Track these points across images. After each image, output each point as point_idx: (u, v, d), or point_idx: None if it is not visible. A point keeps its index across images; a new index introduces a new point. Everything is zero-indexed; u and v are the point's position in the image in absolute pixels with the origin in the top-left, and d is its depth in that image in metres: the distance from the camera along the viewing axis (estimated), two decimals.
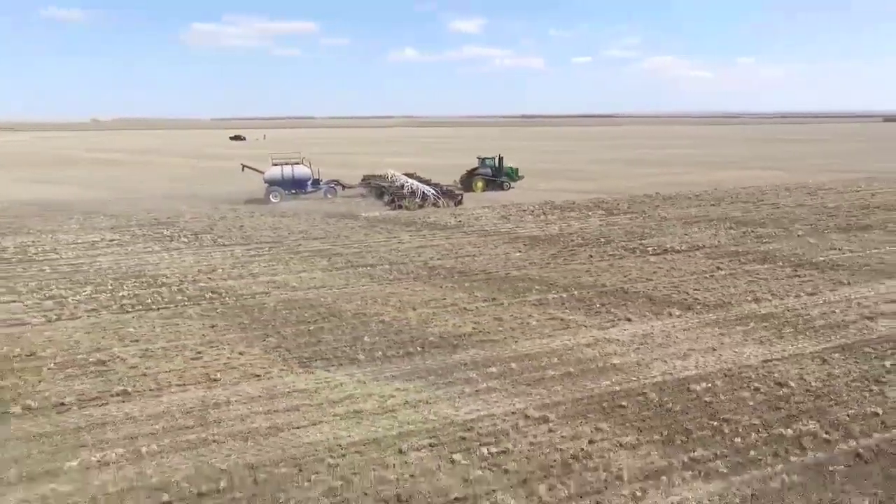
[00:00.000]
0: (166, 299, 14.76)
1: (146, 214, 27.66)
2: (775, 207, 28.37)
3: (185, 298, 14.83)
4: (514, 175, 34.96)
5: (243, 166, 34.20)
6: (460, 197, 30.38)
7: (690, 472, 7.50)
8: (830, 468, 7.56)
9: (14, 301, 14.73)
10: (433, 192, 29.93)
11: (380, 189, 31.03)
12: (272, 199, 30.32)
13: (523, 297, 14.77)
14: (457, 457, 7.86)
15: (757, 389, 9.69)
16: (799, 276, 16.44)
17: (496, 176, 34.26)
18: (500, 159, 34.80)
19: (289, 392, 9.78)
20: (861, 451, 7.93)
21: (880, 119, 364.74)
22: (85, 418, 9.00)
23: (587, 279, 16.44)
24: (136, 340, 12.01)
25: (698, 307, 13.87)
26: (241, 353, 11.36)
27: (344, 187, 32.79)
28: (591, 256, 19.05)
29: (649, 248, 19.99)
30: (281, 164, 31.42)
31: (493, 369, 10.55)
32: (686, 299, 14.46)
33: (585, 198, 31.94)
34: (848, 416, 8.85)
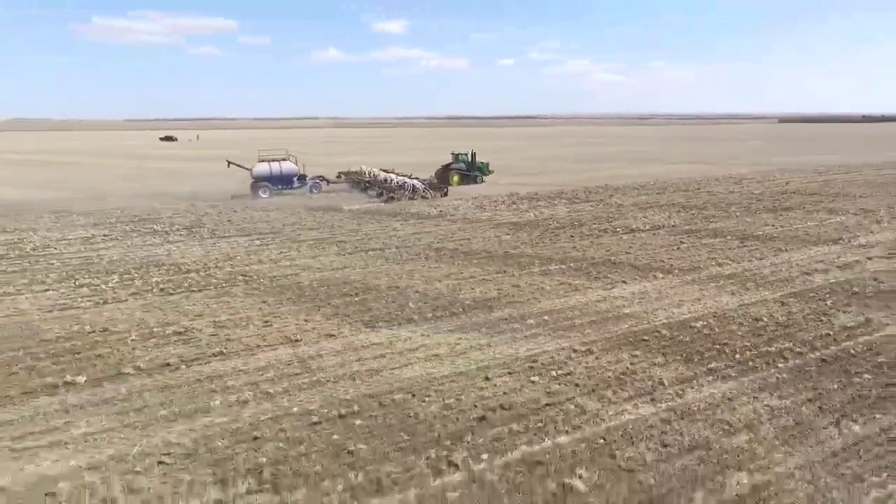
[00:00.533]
0: (202, 282, 15.66)
1: (121, 212, 27.44)
2: (711, 195, 32.27)
3: (221, 281, 15.79)
4: (485, 170, 37.28)
5: (229, 163, 34.42)
6: (446, 189, 32.50)
7: (711, 377, 9.83)
8: (806, 369, 10.15)
9: (47, 290, 15.08)
10: (422, 185, 31.73)
11: (364, 183, 32.45)
12: (261, 195, 31.04)
13: (529, 269, 16.87)
14: (534, 378, 9.78)
15: (741, 324, 12.27)
16: (746, 247, 19.60)
17: (469, 170, 36.47)
18: (473, 155, 37.03)
19: (368, 345, 11.29)
20: (824, 357, 10.60)
21: (776, 120, 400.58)
22: (196, 374, 10.12)
23: (576, 254, 18.82)
24: (200, 315, 13.01)
25: (676, 271, 16.53)
26: (305, 321, 12.69)
27: (328, 182, 33.84)
28: (572, 236, 21.53)
29: (618, 229, 22.77)
30: (269, 161, 32.25)
31: (531, 321, 12.54)
32: (664, 266, 17.12)
33: (545, 190, 34.67)
34: (810, 337, 11.55)
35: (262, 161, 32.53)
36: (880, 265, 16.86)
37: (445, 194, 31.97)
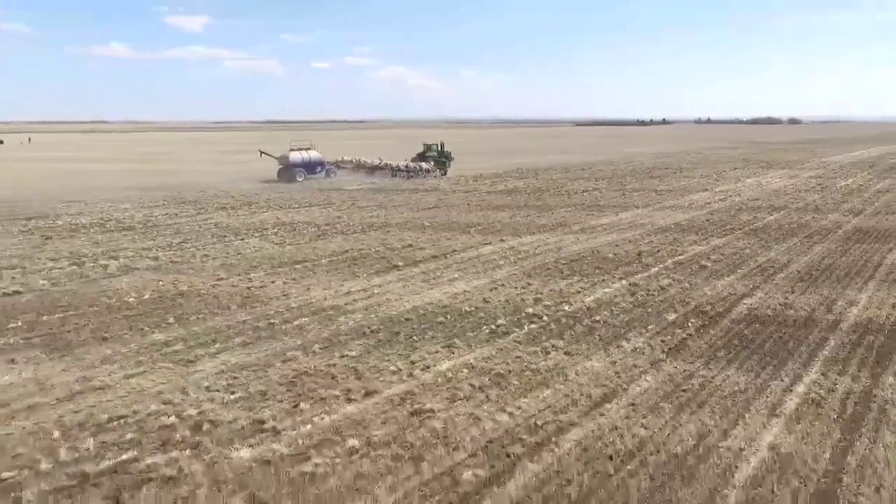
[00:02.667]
0: (353, 229, 20.70)
1: (189, 195, 28.94)
2: (604, 171, 43.49)
3: (366, 226, 21.10)
4: (449, 158, 44.41)
5: (261, 152, 39.25)
6: (445, 170, 40.39)
7: (714, 237, 18.75)
8: (757, 235, 19.58)
9: (243, 239, 18.83)
10: (428, 166, 39.44)
11: (373, 168, 38.28)
12: (298, 178, 35.74)
13: (550, 212, 24.85)
14: (626, 248, 17.58)
15: (701, 225, 21.74)
16: (662, 195, 30.01)
17: (440, 159, 43.25)
18: (442, 145, 44.03)
19: (523, 244, 18.12)
20: (743, 230, 20.29)
21: (573, 123, 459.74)
22: (459, 257, 15.98)
23: (570, 201, 27.36)
24: (404, 242, 18.40)
25: (640, 207, 25.85)
26: (469, 237, 18.89)
27: (339, 168, 38.93)
28: (552, 195, 29.98)
29: (573, 191, 31.85)
30: (300, 150, 37.05)
31: (600, 230, 20.44)
32: (627, 205, 26.48)
33: (489, 172, 43.01)
34: (741, 222, 21.46)
35: (294, 150, 37.20)
36: (738, 197, 28.32)
37: (445, 173, 39.95)
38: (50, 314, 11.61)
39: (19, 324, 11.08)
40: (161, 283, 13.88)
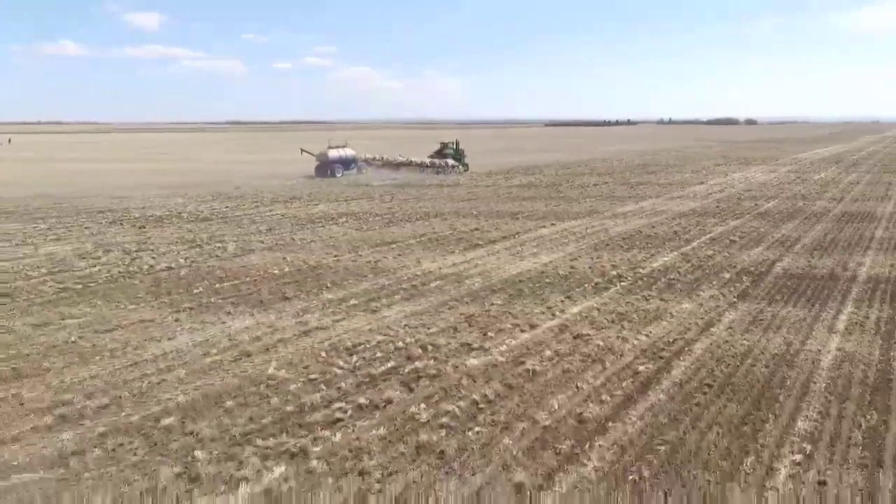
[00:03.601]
0: (412, 217, 23.06)
1: (239, 190, 30.49)
2: (601, 168, 46.79)
3: (423, 215, 23.52)
4: (464, 155, 46.82)
5: (302, 150, 41.76)
6: (467, 166, 43.15)
7: (730, 220, 21.75)
8: (764, 218, 22.73)
9: (322, 226, 20.88)
10: (453, 162, 42.19)
11: (399, 164, 41.01)
12: (336, 174, 38.51)
13: (576, 202, 27.76)
14: (661, 228, 20.44)
15: (713, 211, 24.95)
16: (664, 188, 33.25)
17: (456, 157, 45.50)
18: (457, 143, 46.57)
19: (572, 227, 20.77)
20: (762, 213, 23.40)
21: (542, 124, 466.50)
22: (525, 237, 18.54)
23: (588, 194, 30.33)
24: (468, 227, 20.79)
25: (651, 198, 28.94)
26: (521, 222, 21.45)
27: (369, 164, 41.69)
28: (568, 188, 32.93)
29: (585, 185, 34.85)
30: (337, 148, 39.88)
31: (630, 215, 23.26)
32: (640, 196, 29.57)
33: (502, 169, 45.79)
34: (746, 208, 24.67)
35: (332, 148, 40.04)
36: (733, 189, 31.72)
37: (467, 168, 42.90)
38: (219, 282, 13.76)
39: (201, 290, 13.19)
40: (288, 259, 16.10)
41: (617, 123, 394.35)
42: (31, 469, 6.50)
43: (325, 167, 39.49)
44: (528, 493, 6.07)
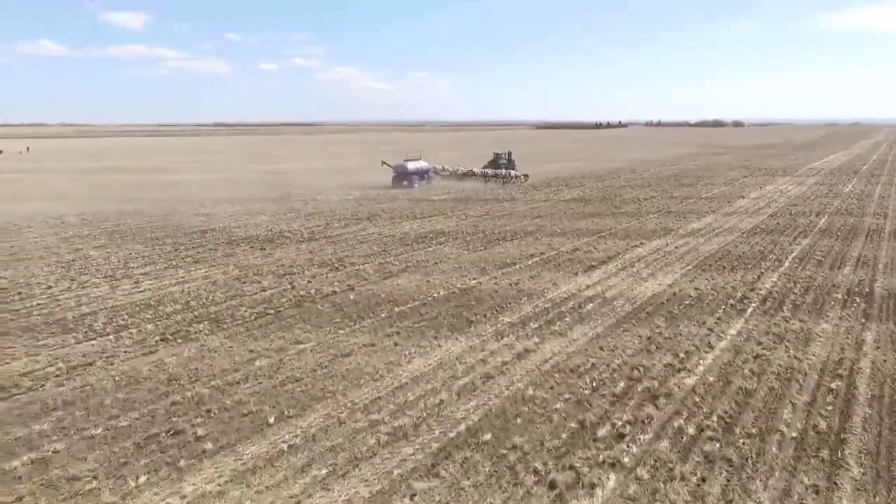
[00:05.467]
0: (504, 236, 24.70)
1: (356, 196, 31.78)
2: (636, 180, 48.82)
3: (512, 234, 25.11)
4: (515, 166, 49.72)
5: (383, 162, 44.44)
6: (527, 176, 45.79)
7: (800, 238, 23.61)
8: (829, 236, 24.65)
9: (429, 246, 22.36)
10: (516, 173, 45.19)
11: (464, 174, 43.95)
12: (415, 185, 41.39)
13: (640, 218, 29.43)
14: (743, 248, 22.26)
15: (777, 229, 26.78)
16: (711, 202, 35.12)
17: (509, 166, 48.19)
18: (510, 153, 48.63)
19: (662, 246, 22.54)
20: (824, 230, 25.31)
21: (533, 126, 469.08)
22: (627, 258, 20.18)
23: (645, 209, 32.14)
24: (566, 247, 22.35)
25: (708, 214, 30.79)
26: (613, 242, 23.09)
27: (438, 175, 44.55)
28: (622, 203, 34.77)
29: (633, 199, 36.73)
30: (413, 160, 42.98)
31: (704, 234, 25.04)
32: (695, 211, 31.39)
33: (537, 181, 47.41)
34: (805, 225, 26.54)
35: (409, 160, 43.15)
36: (777, 203, 33.67)
37: (527, 178, 45.68)
38: (395, 305, 15.29)
39: (385, 314, 14.69)
40: (432, 282, 17.68)
41: (609, 126, 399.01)
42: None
43: (403, 178, 42.39)
44: None
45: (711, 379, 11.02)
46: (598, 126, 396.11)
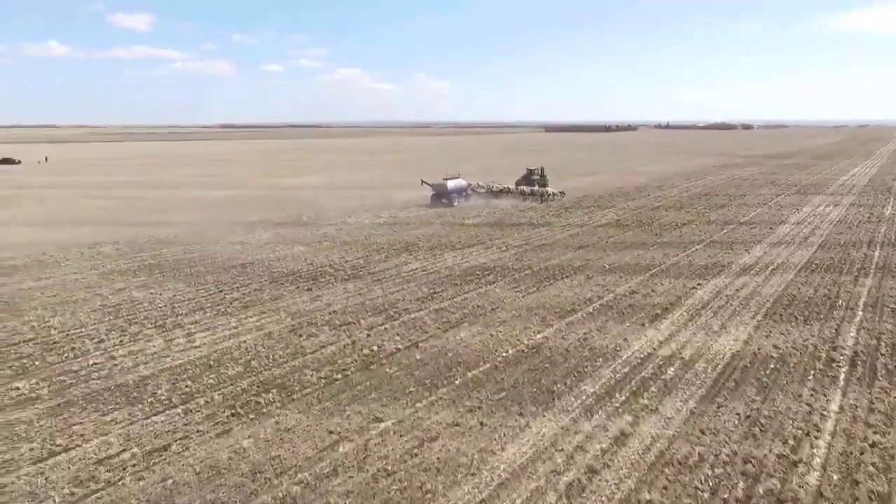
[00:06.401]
0: (555, 274, 24.04)
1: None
2: (666, 201, 47.91)
3: (561, 271, 24.45)
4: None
5: (423, 181, 44.39)
6: (563, 194, 45.59)
7: (861, 276, 22.75)
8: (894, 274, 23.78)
9: (481, 287, 21.68)
10: (554, 191, 45.05)
11: (500, 191, 44.12)
12: (454, 203, 41.79)
13: (686, 247, 28.63)
14: (822, 291, 21.48)
15: (834, 265, 25.93)
16: (752, 228, 34.20)
17: (542, 182, 47.80)
18: (542, 169, 48.36)
19: (716, 290, 21.76)
20: (882, 265, 24.46)
21: (538, 128, 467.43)
22: (687, 309, 19.40)
23: (687, 238, 31.32)
24: (626, 289, 21.69)
25: (755, 244, 29.97)
26: (671, 281, 22.42)
27: (474, 192, 44.64)
28: (661, 229, 33.91)
29: (672, 224, 35.91)
30: (452, 178, 43.51)
31: (759, 272, 24.32)
32: (741, 241, 30.62)
33: (572, 196, 46.88)
34: (861, 259, 25.70)
35: (449, 179, 43.41)
36: (821, 230, 32.85)
37: (564, 194, 45.47)
38: (466, 369, 14.61)
39: (459, 380, 14.02)
40: (497, 336, 16.89)
41: (618, 129, 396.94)
42: None
43: (443, 197, 42.58)
44: None
45: (836, 478, 10.30)
46: (607, 129, 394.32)
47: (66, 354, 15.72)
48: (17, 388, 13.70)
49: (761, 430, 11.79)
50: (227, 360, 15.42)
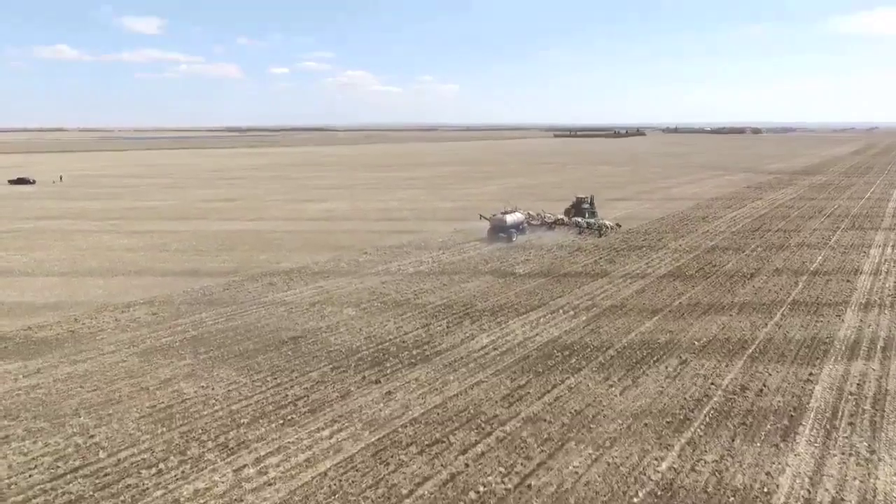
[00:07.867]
0: (633, 357, 21.72)
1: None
2: (716, 236, 45.26)
3: (651, 354, 22.00)
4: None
5: (481, 216, 44.41)
6: (619, 226, 44.51)
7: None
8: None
9: (569, 376, 19.45)
10: (609, 223, 43.87)
11: (553, 223, 43.65)
12: (513, 238, 40.93)
13: (769, 310, 26.39)
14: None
15: (886, 292, 23.49)
16: (839, 286, 31.85)
17: (592, 211, 45.97)
18: (592, 199, 46.54)
19: (832, 384, 19.53)
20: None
21: (547, 132, 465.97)
22: (819, 422, 17.22)
23: (766, 296, 28.84)
24: (727, 378, 19.44)
25: (848, 309, 27.66)
26: (762, 368, 20.20)
27: (530, 224, 43.88)
28: (726, 278, 31.58)
29: (740, 274, 33.45)
30: (509, 212, 42.65)
31: (872, 356, 21.95)
32: (830, 301, 28.27)
33: (628, 227, 43.85)
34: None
35: (505, 213, 42.54)
36: None
37: (619, 226, 44.32)
38: None
39: None
40: (612, 463, 14.56)
41: (626, 134, 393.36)
42: None
43: (500, 231, 41.55)
44: None
45: None
46: (616, 134, 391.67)
47: (121, 497, 13.57)
48: None
49: None
50: None
